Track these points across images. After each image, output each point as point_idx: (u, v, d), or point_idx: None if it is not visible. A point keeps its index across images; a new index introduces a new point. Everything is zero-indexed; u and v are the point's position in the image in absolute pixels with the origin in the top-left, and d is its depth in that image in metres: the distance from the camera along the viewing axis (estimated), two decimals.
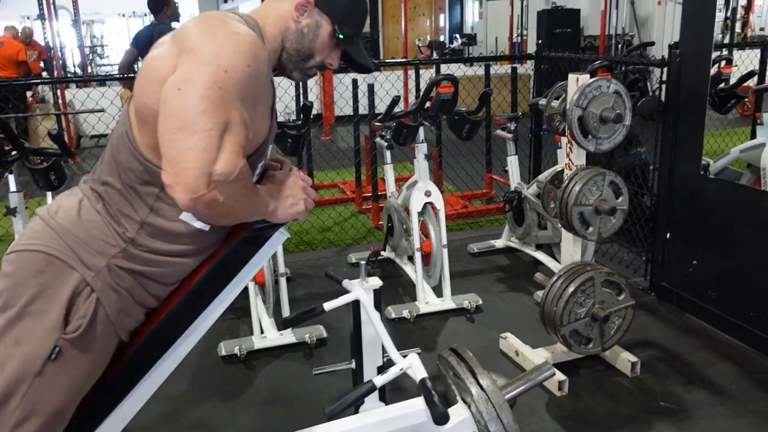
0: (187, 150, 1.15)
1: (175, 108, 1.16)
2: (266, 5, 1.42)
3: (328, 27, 1.41)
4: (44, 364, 1.27)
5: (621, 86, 2.59)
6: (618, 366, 2.85)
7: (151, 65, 1.28)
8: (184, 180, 1.15)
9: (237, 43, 1.22)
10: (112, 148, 1.36)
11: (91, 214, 1.34)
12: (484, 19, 14.75)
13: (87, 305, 1.29)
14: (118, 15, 20.93)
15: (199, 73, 1.17)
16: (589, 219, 2.65)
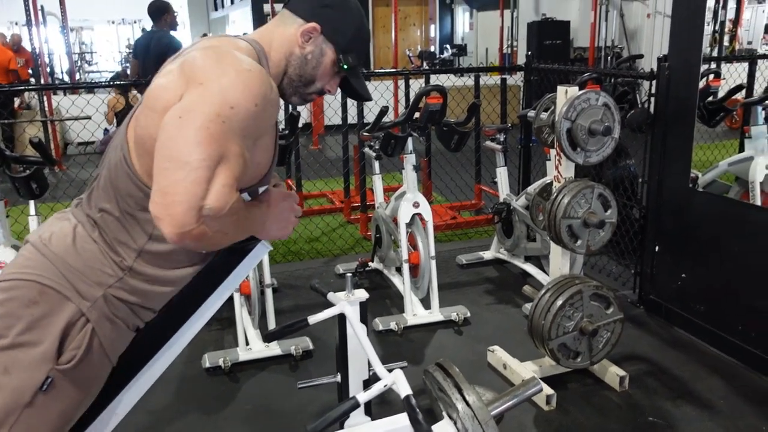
0: (178, 181, 1.09)
1: (173, 136, 1.12)
2: (271, 29, 1.40)
3: (332, 55, 1.40)
4: (35, 394, 1.24)
5: (610, 99, 2.58)
6: (606, 380, 2.83)
7: (157, 94, 1.23)
8: (172, 213, 1.09)
9: (247, 80, 1.19)
10: (109, 173, 1.31)
11: (87, 243, 1.30)
12: (475, 30, 14.81)
13: (82, 336, 1.26)
14: (107, 22, 20.88)
15: (204, 105, 1.14)
16: (578, 232, 2.63)
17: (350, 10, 1.42)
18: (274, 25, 1.41)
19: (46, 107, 7.27)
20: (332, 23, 1.39)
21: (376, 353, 3.11)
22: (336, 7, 1.40)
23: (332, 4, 1.40)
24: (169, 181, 1.09)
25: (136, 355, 1.38)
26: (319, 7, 1.39)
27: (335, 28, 1.39)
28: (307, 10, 1.38)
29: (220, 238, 1.18)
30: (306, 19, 1.38)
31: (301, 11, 1.39)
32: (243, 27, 16.61)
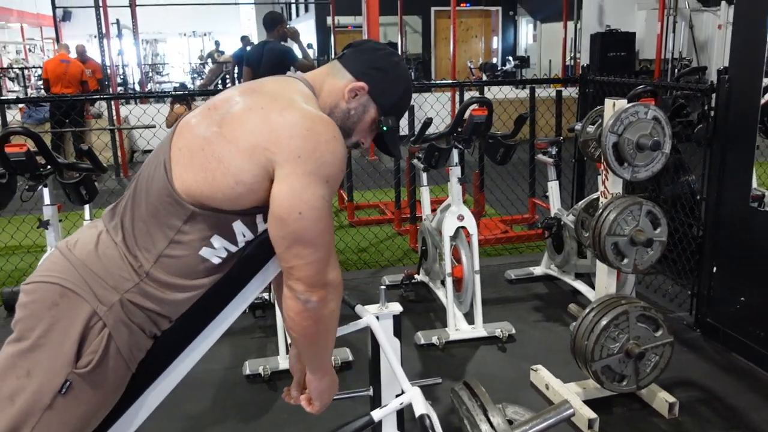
0: (309, 264, 1.28)
1: (298, 230, 1.26)
2: (322, 76, 1.46)
3: (373, 114, 1.46)
4: (54, 398, 1.26)
5: (660, 112, 2.48)
6: (655, 406, 2.70)
7: (239, 131, 1.28)
8: (305, 281, 1.29)
9: (335, 150, 1.28)
10: (148, 175, 1.36)
11: (108, 248, 1.33)
12: (538, 42, 14.62)
13: (99, 340, 1.28)
14: (179, 35, 21.68)
15: (311, 189, 1.25)
16: (624, 250, 2.53)
17: (399, 77, 1.49)
18: (326, 73, 1.47)
19: (114, 116, 7.56)
20: (380, 85, 1.45)
21: (416, 368, 3.11)
22: (386, 71, 1.46)
23: (383, 67, 1.46)
24: (299, 263, 1.28)
25: (154, 361, 1.39)
26: (371, 68, 1.45)
27: (382, 90, 1.45)
28: (359, 69, 1.45)
29: (329, 316, 1.36)
30: (356, 77, 1.44)
31: (352, 68, 1.45)
32: (308, 39, 16.91)
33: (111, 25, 12.84)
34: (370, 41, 1.55)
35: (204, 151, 1.29)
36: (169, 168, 1.31)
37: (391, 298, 3.95)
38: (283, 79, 1.42)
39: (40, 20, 18.38)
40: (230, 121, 1.30)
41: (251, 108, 1.30)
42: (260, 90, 1.36)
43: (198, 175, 1.28)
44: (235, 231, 1.35)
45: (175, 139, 1.34)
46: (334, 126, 1.31)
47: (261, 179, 1.27)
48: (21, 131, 2.57)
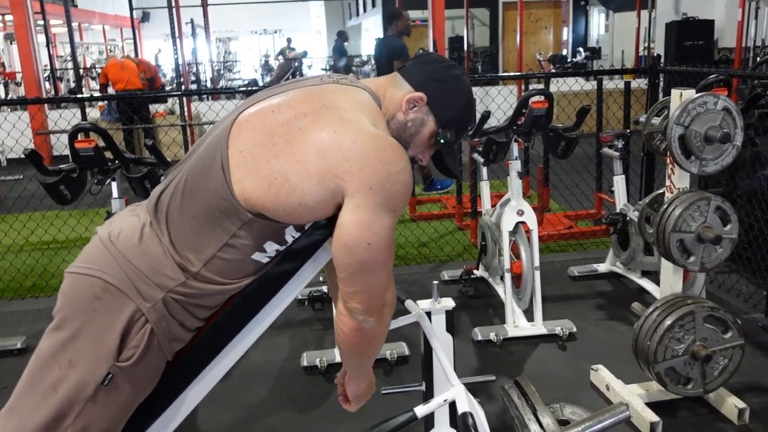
0: (370, 289, 1.32)
1: (365, 259, 1.28)
2: (384, 85, 1.45)
3: (432, 127, 1.43)
4: (97, 389, 1.30)
5: (731, 103, 2.35)
6: (723, 411, 2.57)
7: (309, 155, 1.25)
8: (365, 304, 1.33)
9: (405, 181, 1.28)
10: (201, 170, 1.33)
11: (153, 244, 1.33)
12: (610, 32, 14.17)
13: (141, 335, 1.31)
14: (251, 32, 22.17)
15: (380, 221, 1.26)
16: (691, 247, 2.42)
17: (460, 90, 1.45)
18: (388, 83, 1.46)
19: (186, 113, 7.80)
20: (439, 97, 1.42)
21: (472, 364, 3.07)
22: (447, 83, 1.43)
23: (444, 79, 1.43)
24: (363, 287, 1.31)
25: (199, 354, 1.42)
26: (431, 79, 1.43)
27: (441, 102, 1.42)
28: (419, 80, 1.43)
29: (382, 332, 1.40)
30: (415, 88, 1.42)
31: (412, 79, 1.43)
32: (375, 34, 16.98)
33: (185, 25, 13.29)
34: (432, 54, 1.53)
35: (270, 164, 1.26)
36: (228, 170, 1.28)
37: (451, 293, 3.94)
38: (351, 90, 1.38)
39: (120, 21, 19.18)
40: (299, 137, 1.27)
41: (322, 128, 1.27)
42: (330, 105, 1.31)
43: (260, 187, 1.27)
44: (286, 234, 1.36)
45: (233, 137, 1.31)
46: (404, 153, 1.29)
47: (326, 204, 1.27)
48: (89, 127, 2.69)
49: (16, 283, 4.26)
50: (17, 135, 5.41)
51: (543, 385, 2.88)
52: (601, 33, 14.99)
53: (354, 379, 1.53)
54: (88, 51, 17.01)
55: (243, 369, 3.09)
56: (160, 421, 1.43)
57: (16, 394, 1.36)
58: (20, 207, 4.97)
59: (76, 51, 10.15)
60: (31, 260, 4.64)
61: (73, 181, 2.72)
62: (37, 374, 1.33)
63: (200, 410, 2.78)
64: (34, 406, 1.31)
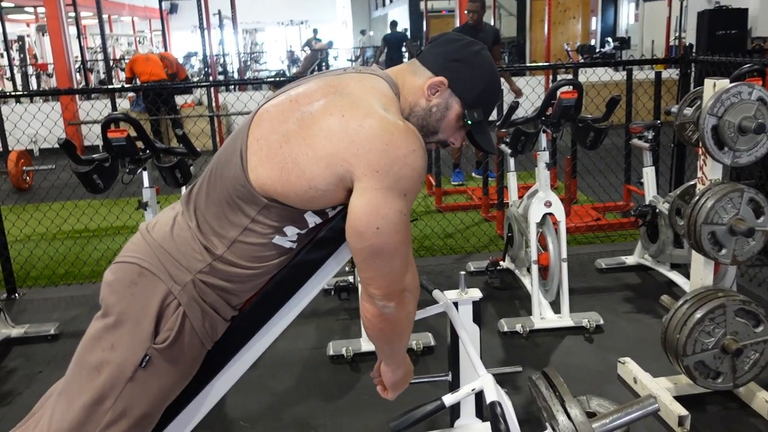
0: (386, 274, 1.30)
1: (375, 243, 1.27)
2: (403, 73, 1.44)
3: (457, 109, 1.41)
4: (135, 370, 1.34)
5: (766, 93, 2.30)
6: (753, 406, 2.54)
7: (317, 138, 1.26)
8: (383, 290, 1.32)
9: (414, 164, 1.26)
10: (225, 160, 1.37)
11: (182, 230, 1.38)
12: (640, 22, 13.94)
13: (175, 317, 1.35)
14: (278, 23, 22.25)
15: (389, 204, 1.25)
16: (722, 240, 2.39)
17: (480, 66, 1.42)
18: (407, 71, 1.44)
19: (213, 103, 7.88)
20: (460, 78, 1.40)
21: (498, 355, 3.07)
22: (466, 62, 1.41)
23: (462, 58, 1.41)
24: (378, 273, 1.31)
25: (228, 342, 1.45)
26: (449, 61, 1.40)
27: (463, 83, 1.40)
28: (437, 64, 1.41)
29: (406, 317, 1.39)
30: (435, 73, 1.40)
31: (431, 64, 1.41)
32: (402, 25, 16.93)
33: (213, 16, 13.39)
34: (447, 34, 1.49)
35: (282, 149, 1.29)
36: (245, 158, 1.32)
37: (476, 285, 3.93)
38: (368, 77, 1.38)
39: (149, 13, 19.37)
40: (310, 122, 1.28)
41: (332, 113, 1.28)
42: (343, 90, 1.32)
43: (273, 172, 1.29)
44: (307, 220, 1.38)
45: (253, 127, 1.34)
46: (415, 137, 1.27)
47: (335, 187, 1.27)
48: (122, 117, 2.74)
49: (50, 271, 4.36)
50: (50, 126, 5.51)
51: (569, 378, 2.86)
52: (631, 23, 14.75)
53: (389, 366, 1.53)
54: (117, 42, 17.23)
55: (270, 357, 3.12)
56: (191, 407, 1.47)
57: (66, 377, 1.43)
58: (53, 196, 5.07)
59: (106, 42, 10.28)
60: (63, 248, 4.74)
61: (105, 170, 2.77)
62: (83, 358, 1.39)
63: (229, 397, 2.82)
64: (79, 388, 1.37)
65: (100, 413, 1.34)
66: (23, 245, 4.84)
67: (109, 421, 1.34)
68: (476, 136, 1.45)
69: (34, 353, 3.24)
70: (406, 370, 1.56)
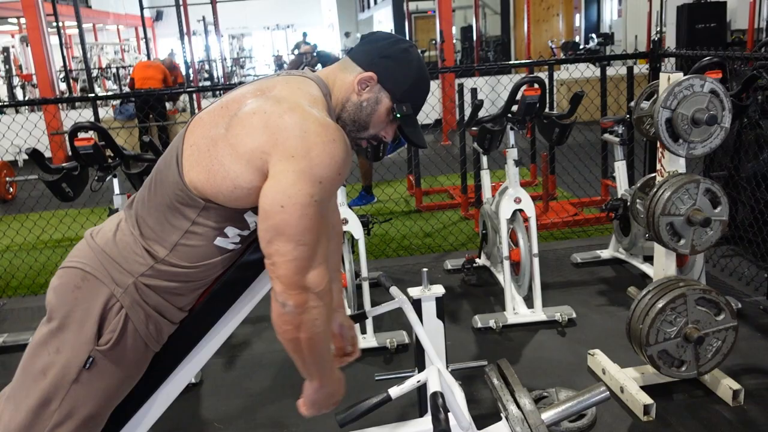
0: (288, 261, 1.27)
1: (279, 223, 1.25)
2: (334, 73, 1.47)
3: (387, 103, 1.44)
4: (80, 372, 1.37)
5: (718, 85, 2.35)
6: (718, 393, 2.58)
7: (241, 137, 1.29)
8: (283, 281, 1.28)
9: (332, 152, 1.27)
10: (164, 166, 1.41)
11: (125, 235, 1.41)
12: (623, 17, 14.01)
13: (117, 320, 1.38)
14: (264, 28, 22.26)
15: (299, 186, 1.24)
16: (681, 230, 2.43)
17: (409, 62, 1.46)
18: (338, 69, 1.48)
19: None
20: (389, 73, 1.44)
21: (472, 351, 3.11)
22: (395, 59, 1.44)
23: (391, 55, 1.44)
24: (280, 258, 1.27)
25: (178, 344, 1.48)
26: (379, 57, 1.44)
27: (392, 78, 1.44)
28: (367, 60, 1.45)
29: (313, 321, 1.31)
30: (364, 68, 1.44)
31: (361, 60, 1.45)
32: (387, 26, 16.97)
33: (198, 23, 13.38)
34: (378, 32, 1.53)
35: (209, 153, 1.32)
36: (181, 163, 1.35)
37: (453, 282, 3.97)
38: (297, 79, 1.41)
39: (135, 21, 19.34)
40: (236, 124, 1.31)
41: (255, 112, 1.30)
42: (269, 92, 1.35)
43: (202, 175, 1.33)
44: (248, 220, 1.41)
45: (188, 134, 1.38)
46: (336, 130, 1.30)
47: (259, 183, 1.29)
48: (87, 126, 2.77)
49: (29, 280, 4.37)
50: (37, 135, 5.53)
51: (541, 371, 2.91)
52: (614, 18, 14.82)
53: (309, 381, 1.48)
54: (102, 51, 17.19)
55: (246, 359, 3.16)
56: (144, 408, 1.49)
57: (12, 383, 1.45)
58: (32, 206, 5.08)
59: (90, 51, 10.28)
60: (42, 258, 4.75)
61: (74, 178, 2.80)
62: (30, 363, 1.42)
63: (205, 398, 2.85)
64: (26, 392, 1.40)
65: (46, 415, 1.37)
66: (2, 255, 4.86)
67: (56, 422, 1.37)
68: (406, 130, 1.48)
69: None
70: (330, 392, 1.50)
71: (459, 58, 13.80)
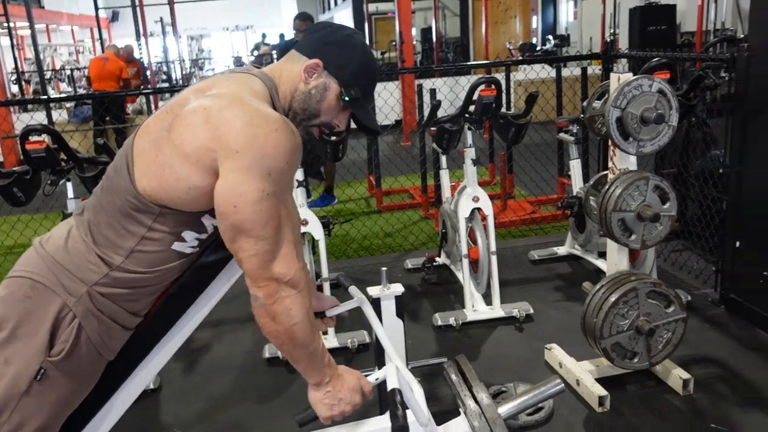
0: (251, 256, 1.27)
1: (236, 222, 1.26)
2: (280, 66, 1.48)
3: (336, 89, 1.45)
4: (30, 384, 1.33)
5: (665, 85, 2.43)
6: (669, 383, 2.66)
7: (183, 135, 1.29)
8: (250, 275, 1.29)
9: (276, 143, 1.26)
10: (114, 173, 1.38)
11: (77, 243, 1.38)
12: (579, 19, 14.29)
13: (70, 330, 1.35)
14: (223, 29, 22.05)
15: (248, 183, 1.24)
16: (632, 226, 2.50)
17: (353, 47, 1.47)
18: (284, 62, 1.48)
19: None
20: (334, 59, 1.44)
21: (432, 349, 3.14)
22: (339, 44, 1.46)
23: (335, 41, 1.46)
24: (243, 255, 1.28)
25: (133, 350, 1.45)
26: (322, 44, 1.45)
27: (337, 63, 1.44)
28: (311, 48, 1.45)
29: (286, 321, 1.30)
30: (309, 56, 1.44)
31: (305, 49, 1.46)
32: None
33: (155, 23, 13.18)
34: (321, 23, 1.54)
35: (158, 158, 1.31)
36: (132, 170, 1.33)
37: (414, 281, 4.00)
38: (239, 76, 1.40)
39: (90, 22, 18.94)
40: (177, 124, 1.30)
41: (195, 110, 1.30)
42: (210, 90, 1.35)
43: (153, 182, 1.31)
44: (205, 223, 1.40)
45: (136, 140, 1.36)
46: (278, 119, 1.29)
47: (211, 181, 1.28)
48: (39, 128, 2.71)
49: None
50: None
51: (500, 366, 2.96)
52: (570, 20, 15.11)
53: (308, 381, 1.43)
54: (56, 53, 16.80)
55: (206, 363, 3.14)
56: (98, 416, 1.47)
57: None
58: None
59: (43, 53, 10.04)
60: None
61: (26, 182, 2.74)
62: None
63: (164, 403, 2.82)
64: None
65: None
66: None
67: None
68: (358, 116, 1.49)
69: None
70: (326, 394, 1.43)
71: (419, 59, 13.89)
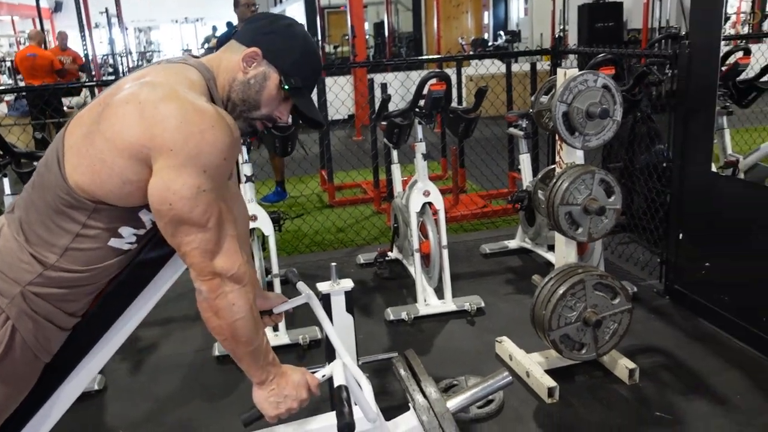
0: (193, 249, 1.26)
1: (173, 218, 1.24)
2: (218, 56, 1.44)
3: (275, 78, 1.41)
4: None
5: (610, 80, 2.47)
6: (616, 373, 2.72)
7: (116, 129, 1.24)
8: (194, 268, 1.28)
9: (212, 139, 1.23)
10: (45, 169, 1.33)
11: (8, 242, 1.32)
12: (530, 15, 14.48)
13: (3, 332, 1.29)
14: (172, 21, 21.60)
15: (182, 180, 1.22)
16: (578, 219, 2.54)
17: (294, 36, 1.44)
18: (223, 52, 1.44)
19: None
20: (274, 47, 1.41)
21: (384, 344, 3.14)
22: (279, 33, 1.42)
23: (275, 30, 1.42)
24: (185, 249, 1.27)
25: (71, 351, 1.40)
26: (262, 33, 1.42)
27: (277, 51, 1.41)
28: (250, 37, 1.42)
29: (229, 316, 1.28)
30: (248, 45, 1.41)
31: (244, 39, 1.42)
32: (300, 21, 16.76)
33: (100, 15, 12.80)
34: (260, 14, 1.51)
35: (89, 151, 1.26)
36: (63, 165, 1.28)
37: (366, 276, 3.99)
38: (174, 66, 1.35)
39: (31, 12, 18.30)
40: (108, 116, 1.25)
41: (127, 100, 1.25)
42: (143, 80, 1.30)
43: (86, 176, 1.26)
44: (143, 219, 1.35)
45: (67, 134, 1.30)
46: (214, 115, 1.25)
47: (146, 176, 1.25)
48: None
49: None
50: None
51: (451, 359, 2.98)
52: (521, 16, 15.31)
53: (252, 380, 1.41)
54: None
55: (153, 363, 3.06)
56: (36, 419, 1.41)
57: None
58: None
59: None
60: None
61: None
62: None
63: (109, 404, 2.75)
64: None
65: None
66: None
67: None
68: (299, 105, 1.45)
69: None
70: (270, 393, 1.41)
71: (372, 53, 13.86)
